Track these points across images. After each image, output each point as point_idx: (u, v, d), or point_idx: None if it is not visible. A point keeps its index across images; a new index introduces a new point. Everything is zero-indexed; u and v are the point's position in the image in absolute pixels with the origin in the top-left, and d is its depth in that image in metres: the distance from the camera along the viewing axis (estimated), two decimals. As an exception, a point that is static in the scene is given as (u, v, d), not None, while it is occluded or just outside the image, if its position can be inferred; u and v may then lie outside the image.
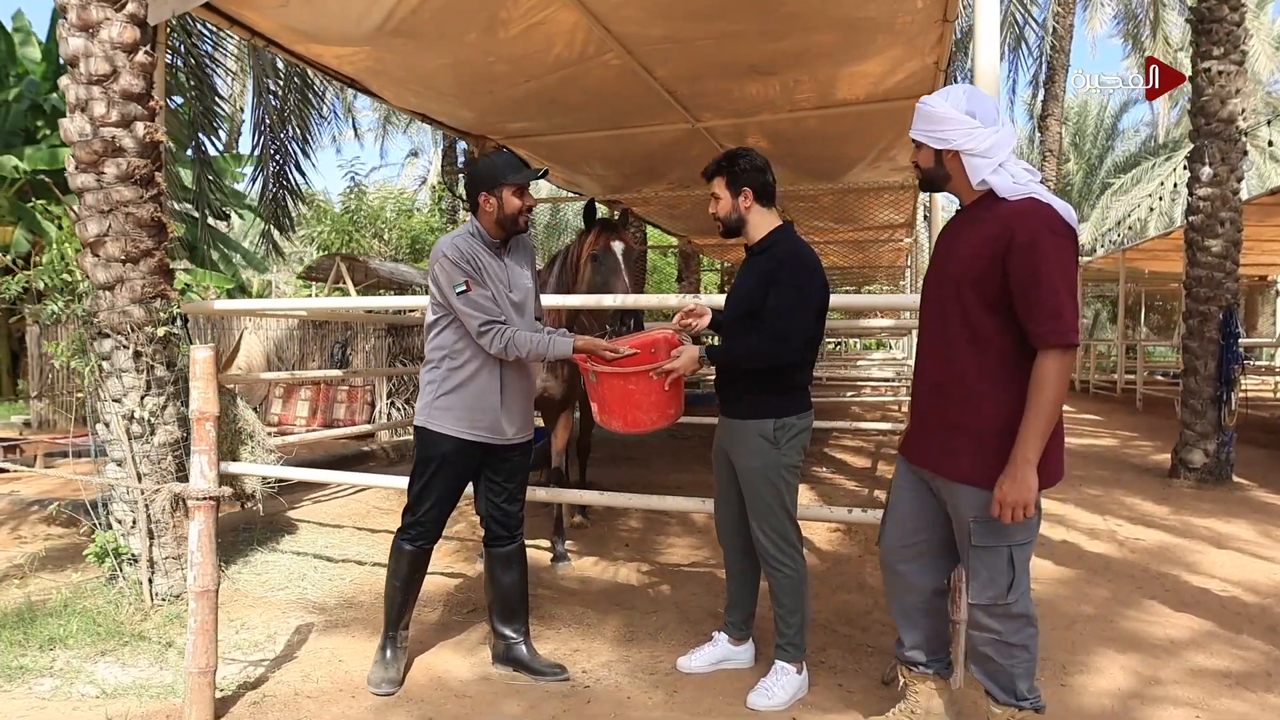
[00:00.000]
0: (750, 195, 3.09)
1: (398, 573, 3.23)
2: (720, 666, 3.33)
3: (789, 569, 3.07)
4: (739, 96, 6.57)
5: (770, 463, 3.01)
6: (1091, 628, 3.89)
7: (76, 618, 3.67)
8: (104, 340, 3.82)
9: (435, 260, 3.08)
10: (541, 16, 4.87)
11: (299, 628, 3.78)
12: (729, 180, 3.11)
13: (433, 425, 3.11)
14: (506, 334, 3.04)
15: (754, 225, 3.13)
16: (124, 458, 3.83)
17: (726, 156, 3.17)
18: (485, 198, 3.13)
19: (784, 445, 3.01)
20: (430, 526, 3.22)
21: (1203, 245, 7.74)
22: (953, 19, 5.18)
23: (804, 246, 3.07)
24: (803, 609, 3.09)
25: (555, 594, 4.25)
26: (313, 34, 4.94)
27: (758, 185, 3.10)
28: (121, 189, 3.74)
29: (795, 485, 3.09)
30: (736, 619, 3.39)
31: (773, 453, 3.00)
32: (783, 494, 3.03)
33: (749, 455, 3.05)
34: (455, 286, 3.01)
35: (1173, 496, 7.03)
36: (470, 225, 3.19)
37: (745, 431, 3.05)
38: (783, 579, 3.07)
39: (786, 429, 3.01)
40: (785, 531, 3.06)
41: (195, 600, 2.66)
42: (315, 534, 5.36)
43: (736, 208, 3.12)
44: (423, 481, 3.17)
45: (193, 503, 2.62)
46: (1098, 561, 5.01)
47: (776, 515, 3.04)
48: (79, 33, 3.70)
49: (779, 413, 3.01)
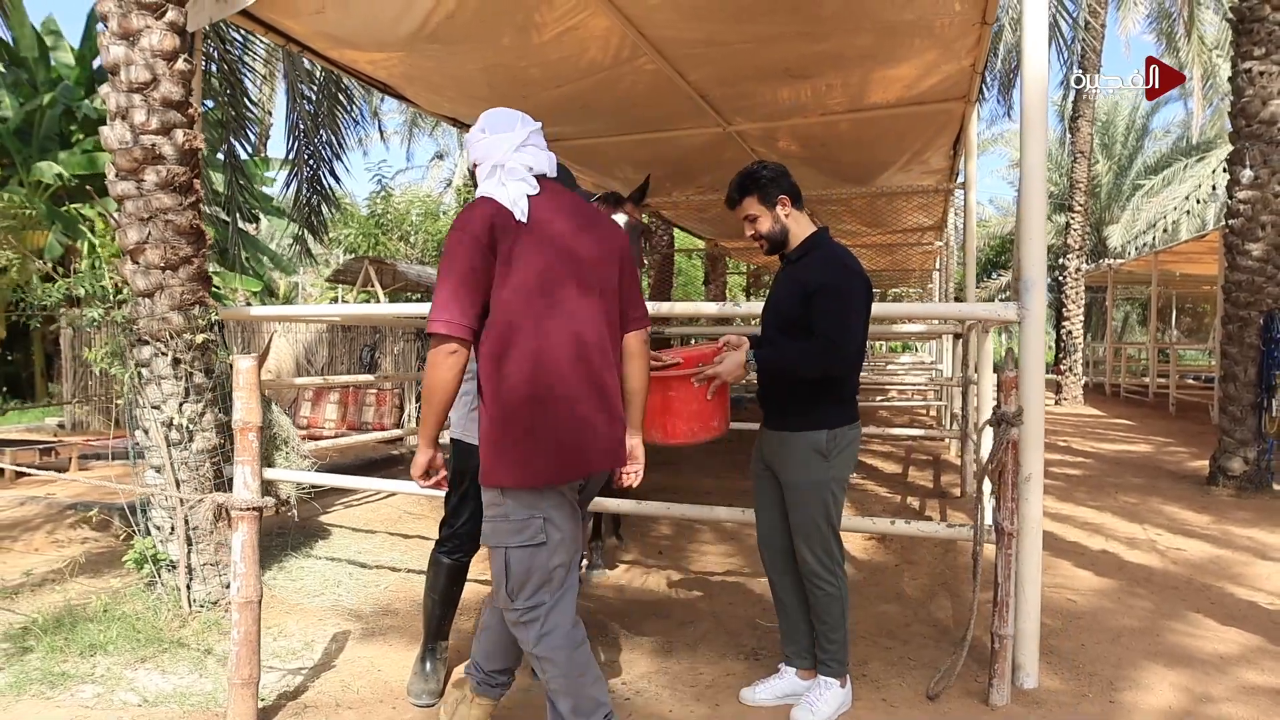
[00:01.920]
0: (788, 202, 2.98)
1: (436, 586, 3.20)
2: (786, 701, 3.11)
3: (831, 586, 2.97)
4: (771, 100, 6.54)
5: (821, 478, 2.89)
6: (1137, 641, 3.81)
7: (116, 624, 3.68)
8: (143, 347, 3.83)
9: None
10: (575, 21, 4.86)
11: (336, 635, 3.77)
12: (762, 196, 2.98)
13: (468, 438, 3.02)
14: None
15: (794, 235, 3.02)
16: (163, 464, 3.85)
17: (746, 175, 3.02)
18: None
19: (835, 458, 2.89)
20: (467, 539, 3.18)
21: (1243, 249, 7.58)
22: (991, 21, 5.11)
23: (842, 250, 2.98)
24: (844, 625, 3.01)
25: (589, 603, 4.22)
26: (348, 40, 4.95)
27: (789, 190, 3.00)
28: (161, 196, 3.76)
29: (841, 500, 2.98)
30: (797, 649, 3.19)
31: (824, 466, 2.88)
32: (830, 509, 2.92)
33: (799, 469, 2.91)
34: None
35: (1212, 505, 6.90)
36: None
37: (794, 444, 2.91)
38: (824, 596, 2.97)
39: (839, 440, 2.89)
40: (830, 548, 2.96)
41: (239, 611, 2.65)
42: (348, 539, 5.36)
43: (778, 219, 2.99)
44: (459, 494, 3.14)
45: (236, 513, 2.61)
46: (1139, 572, 4.91)
47: (822, 532, 2.92)
48: (119, 41, 3.72)
49: (832, 423, 2.88)
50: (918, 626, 3.94)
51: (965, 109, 6.72)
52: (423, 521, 5.96)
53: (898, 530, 3.43)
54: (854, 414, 2.97)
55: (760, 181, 2.99)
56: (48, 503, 6.03)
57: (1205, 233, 13.53)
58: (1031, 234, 3.17)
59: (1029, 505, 3.10)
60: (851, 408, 2.97)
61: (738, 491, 7.07)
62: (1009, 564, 3.00)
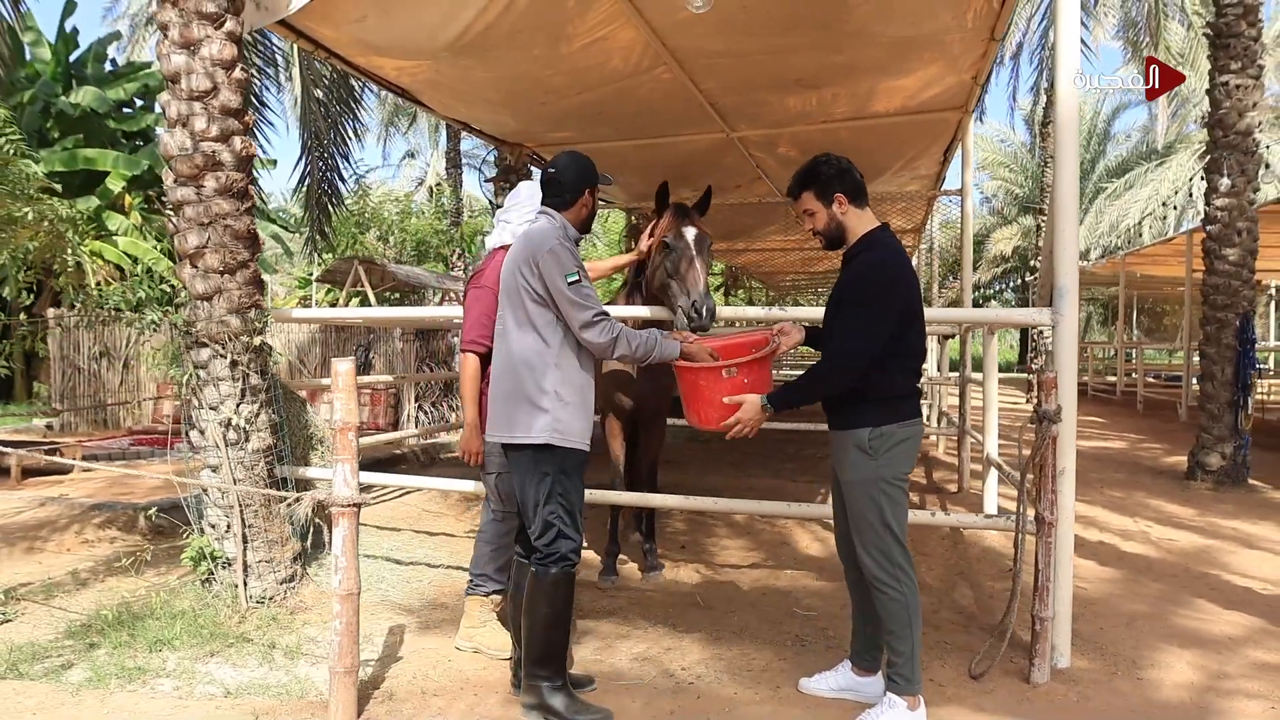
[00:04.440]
0: (844, 200, 2.95)
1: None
2: (843, 695, 3.17)
3: (895, 591, 2.88)
4: (777, 108, 6.74)
5: (867, 475, 2.88)
6: (1149, 625, 4.06)
7: (178, 620, 3.77)
8: (201, 349, 3.92)
9: (540, 249, 2.94)
10: (604, 33, 5.03)
11: (392, 629, 3.89)
12: (819, 191, 2.97)
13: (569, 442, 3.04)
14: (617, 327, 2.96)
15: (851, 232, 2.99)
16: (220, 464, 3.94)
17: (808, 168, 3.02)
18: (590, 194, 3.16)
19: (881, 456, 2.87)
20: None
21: (1220, 254, 7.94)
22: (999, 37, 5.36)
23: (889, 252, 2.93)
24: (912, 636, 2.90)
25: (636, 597, 4.37)
26: (383, 47, 5.06)
27: (849, 187, 2.96)
28: (220, 202, 3.85)
29: (900, 501, 2.93)
30: (860, 647, 3.21)
31: (870, 464, 2.87)
32: (884, 510, 2.88)
33: (846, 468, 2.95)
34: (568, 275, 2.89)
35: (1194, 498, 7.23)
36: (554, 220, 3.10)
37: (843, 443, 2.96)
38: (888, 602, 2.89)
39: (885, 438, 2.87)
40: (889, 550, 2.89)
41: (340, 603, 2.78)
42: (377, 537, 5.46)
43: (833, 216, 2.98)
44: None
45: (337, 509, 2.73)
46: (1139, 562, 5.19)
47: (878, 532, 2.88)
48: (180, 50, 3.80)
49: (876, 421, 2.88)
50: (946, 613, 4.15)
51: (963, 118, 6.98)
52: (443, 519, 6.08)
53: (938, 521, 3.63)
54: (907, 411, 2.96)
55: (819, 177, 2.98)
56: (64, 503, 6.04)
57: (1172, 236, 14.03)
58: (1064, 242, 3.40)
59: (1065, 497, 3.32)
60: (902, 405, 2.95)
61: (743, 489, 7.26)
62: (1049, 551, 3.22)
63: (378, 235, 18.78)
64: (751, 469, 8.21)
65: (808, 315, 3.74)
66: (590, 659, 3.56)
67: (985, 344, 6.00)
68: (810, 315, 3.58)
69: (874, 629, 3.12)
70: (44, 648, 3.57)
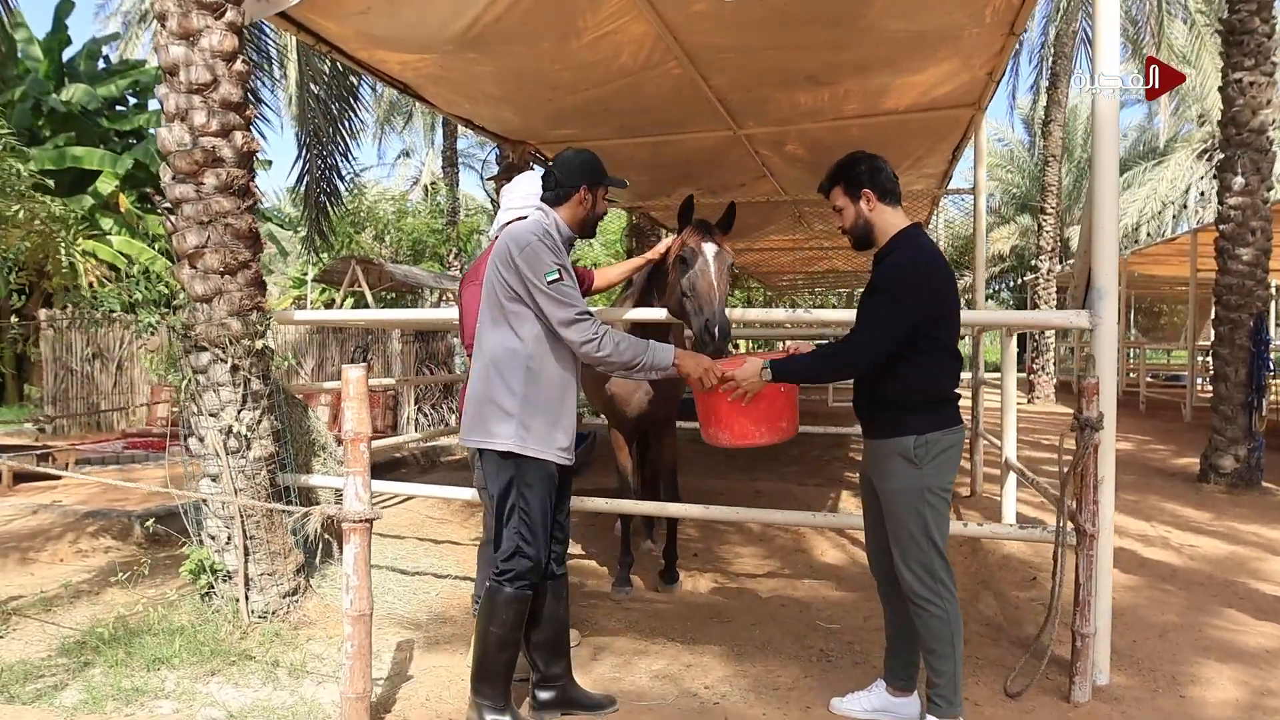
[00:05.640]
0: (872, 197, 2.85)
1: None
2: (878, 717, 3.05)
3: (936, 608, 2.75)
4: (786, 104, 6.60)
5: (912, 485, 2.75)
6: (1183, 637, 3.93)
7: (177, 636, 3.61)
8: (200, 354, 3.76)
9: (518, 245, 2.79)
10: (615, 26, 4.87)
11: (400, 644, 3.74)
12: (847, 186, 2.89)
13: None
14: (601, 328, 2.78)
15: (881, 231, 2.88)
16: (220, 473, 3.78)
17: (840, 163, 2.94)
18: (586, 191, 3.01)
19: (926, 465, 2.74)
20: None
21: (1233, 254, 7.82)
22: (1019, 32, 5.23)
23: (920, 251, 2.80)
24: (954, 655, 2.77)
25: (651, 610, 4.23)
26: (387, 41, 4.90)
27: (879, 184, 2.86)
28: (221, 200, 3.69)
29: (944, 512, 2.81)
30: (895, 665, 3.08)
31: (914, 474, 2.75)
32: (927, 521, 2.75)
33: (888, 477, 2.82)
34: (548, 273, 2.73)
35: (1208, 501, 7.12)
36: (546, 217, 2.95)
37: (884, 451, 2.83)
38: (929, 619, 2.76)
39: (930, 446, 2.74)
40: (931, 564, 2.76)
41: (352, 624, 2.62)
42: (380, 545, 5.29)
43: (860, 213, 2.88)
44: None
45: (349, 525, 2.58)
46: (1162, 569, 5.06)
47: (920, 545, 2.76)
48: (179, 41, 3.64)
49: (920, 429, 2.75)
50: (974, 625, 4.01)
51: (975, 115, 6.85)
52: (447, 526, 5.93)
53: (971, 533, 3.50)
54: (951, 418, 2.84)
55: (849, 172, 2.89)
56: (57, 510, 5.87)
57: (1176, 235, 13.94)
58: (1104, 243, 3.26)
59: (1105, 508, 3.19)
60: (946, 411, 2.83)
61: (750, 493, 7.13)
62: (1091, 565, 3.08)
63: (373, 235, 18.62)
64: (756, 472, 8.07)
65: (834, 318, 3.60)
66: (609, 677, 3.42)
67: (1004, 345, 5.87)
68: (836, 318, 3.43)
69: (908, 647, 3.00)
70: (36, 666, 3.41)
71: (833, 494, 7.23)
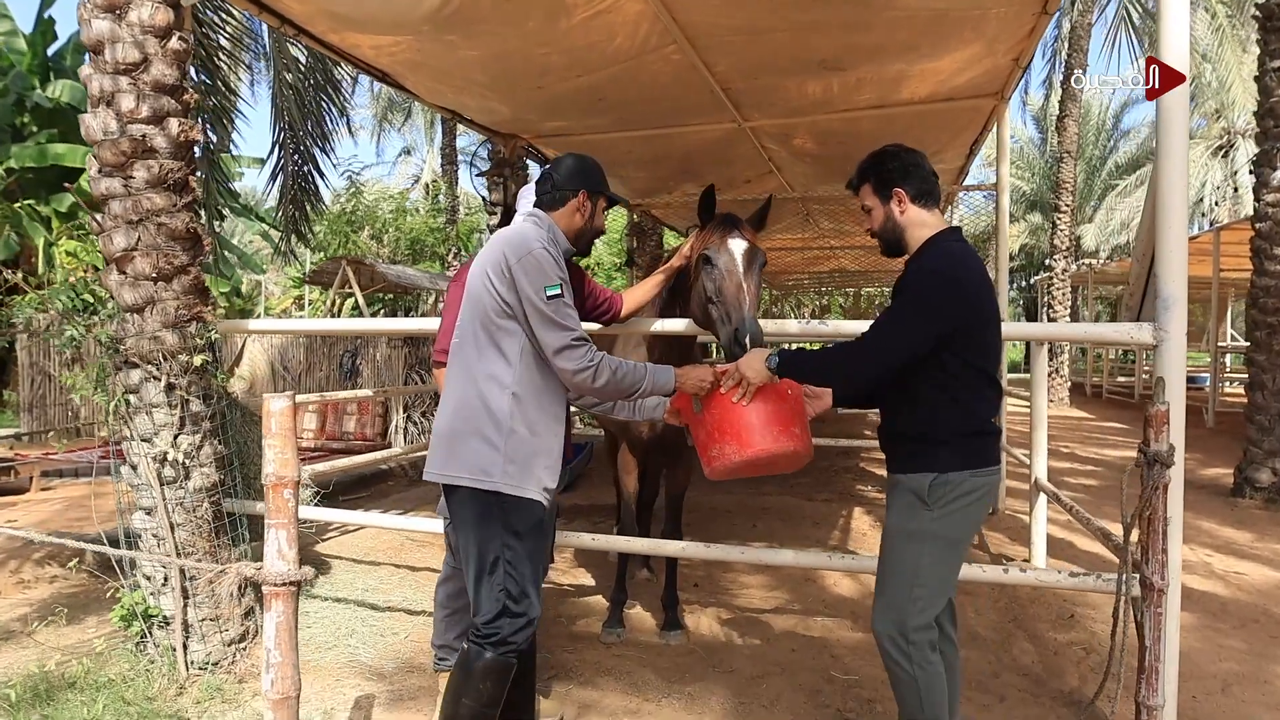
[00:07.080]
0: (904, 197, 2.50)
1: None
2: None
3: (904, 671, 2.39)
4: (796, 94, 6.13)
5: (915, 529, 2.39)
6: (1251, 692, 3.47)
7: (102, 694, 3.16)
8: (131, 371, 3.30)
9: (517, 253, 2.40)
10: (608, 4, 4.42)
11: (359, 701, 3.29)
12: (877, 184, 2.54)
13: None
14: (598, 355, 2.41)
15: (912, 235, 2.51)
16: (154, 505, 3.33)
17: (872, 158, 2.58)
18: (585, 198, 2.64)
19: (938, 508, 2.36)
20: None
21: (1270, 253, 7.35)
22: (1053, 11, 4.76)
23: (952, 258, 2.43)
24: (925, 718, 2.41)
25: (645, 656, 3.76)
26: (355, 21, 4.45)
27: (914, 184, 2.51)
28: (153, 195, 3.24)
29: (943, 571, 2.43)
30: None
31: (920, 515, 2.38)
32: (919, 570, 2.39)
33: (890, 510, 2.49)
34: (548, 288, 2.37)
35: (1246, 519, 6.65)
36: (539, 223, 2.56)
37: (898, 487, 2.47)
38: (895, 674, 2.43)
39: (950, 487, 2.36)
40: (904, 622, 2.38)
41: (273, 710, 2.15)
42: (352, 573, 4.86)
43: (890, 215, 2.52)
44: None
45: (269, 589, 2.12)
46: (1211, 603, 4.59)
47: (898, 597, 2.40)
48: (104, 14, 3.19)
49: (942, 465, 2.36)
50: (1008, 676, 3.55)
51: (997, 105, 6.39)
52: (428, 550, 5.47)
53: (1014, 580, 3.03)
54: (983, 454, 2.42)
55: (879, 168, 2.55)
56: (8, 535, 5.41)
57: (1197, 235, 13.42)
58: (1171, 245, 2.80)
59: (1174, 556, 2.72)
60: (977, 445, 2.41)
61: (757, 509, 6.68)
62: (1159, 624, 2.61)
63: (371, 234, 18.18)
64: (764, 485, 7.59)
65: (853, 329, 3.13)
66: (594, 746, 2.96)
67: (1033, 356, 5.39)
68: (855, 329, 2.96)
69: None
70: (-68, 734, 2.97)
71: (844, 511, 6.76)
